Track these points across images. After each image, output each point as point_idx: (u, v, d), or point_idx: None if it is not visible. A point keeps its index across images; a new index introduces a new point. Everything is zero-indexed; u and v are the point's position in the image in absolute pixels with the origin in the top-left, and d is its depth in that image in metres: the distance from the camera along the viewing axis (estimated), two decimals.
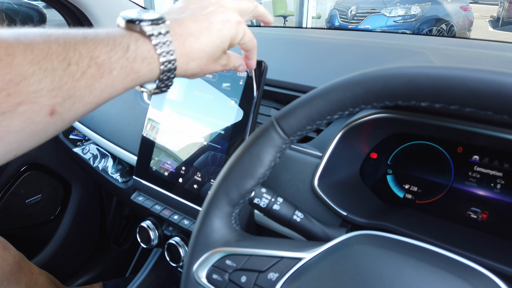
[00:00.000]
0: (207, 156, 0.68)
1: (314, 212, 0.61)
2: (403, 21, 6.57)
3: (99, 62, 0.35)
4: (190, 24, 0.43)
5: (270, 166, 0.42)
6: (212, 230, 0.43)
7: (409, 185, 0.63)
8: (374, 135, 0.64)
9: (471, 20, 7.25)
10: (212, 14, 0.44)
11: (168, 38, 0.40)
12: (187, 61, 0.42)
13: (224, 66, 0.49)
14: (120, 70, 0.37)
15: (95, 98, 0.36)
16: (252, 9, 0.50)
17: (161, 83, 0.42)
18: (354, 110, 0.38)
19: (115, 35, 0.38)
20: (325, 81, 0.66)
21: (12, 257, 0.86)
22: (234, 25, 0.45)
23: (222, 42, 0.45)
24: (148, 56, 0.39)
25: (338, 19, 7.20)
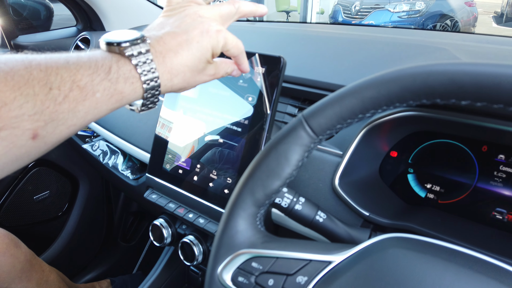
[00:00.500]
0: (223, 154, 0.66)
1: (335, 212, 0.59)
2: (407, 16, 6.53)
3: (81, 85, 0.36)
4: (169, 39, 0.43)
5: (297, 166, 0.41)
6: (237, 231, 0.42)
7: (431, 184, 0.61)
8: (394, 133, 0.62)
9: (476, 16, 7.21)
10: (190, 27, 0.44)
11: (148, 57, 0.41)
12: (170, 77, 0.43)
13: (213, 75, 0.49)
14: (103, 92, 0.38)
15: (79, 120, 0.37)
16: (235, 11, 0.50)
17: (147, 100, 0.43)
18: (387, 108, 0.37)
19: (97, 57, 0.39)
20: (344, 77, 0.65)
21: (23, 255, 0.86)
22: (214, 35, 0.45)
23: (203, 54, 0.45)
24: (130, 76, 0.40)
25: (342, 14, 7.16)
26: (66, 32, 1.33)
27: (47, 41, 1.26)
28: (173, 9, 0.48)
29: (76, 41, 1.23)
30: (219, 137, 0.67)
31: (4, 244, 0.82)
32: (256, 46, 0.86)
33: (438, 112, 0.54)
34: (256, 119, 0.63)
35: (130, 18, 1.30)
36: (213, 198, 0.67)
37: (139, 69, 0.40)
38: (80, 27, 1.34)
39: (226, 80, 0.67)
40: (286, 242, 0.41)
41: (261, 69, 0.64)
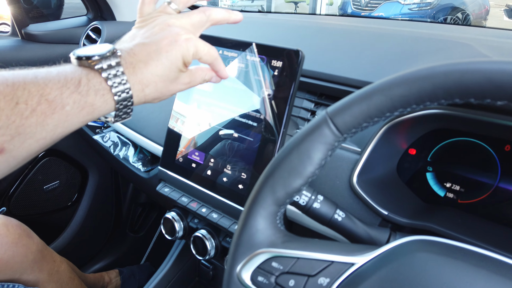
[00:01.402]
0: (238, 149, 0.65)
1: (351, 211, 0.58)
2: (418, 9, 6.43)
3: (50, 98, 0.37)
4: (139, 51, 0.44)
5: (320, 165, 0.40)
6: (256, 230, 0.41)
7: (450, 183, 0.60)
8: (414, 131, 0.61)
9: (488, 9, 7.09)
10: (160, 37, 0.45)
11: (118, 69, 0.41)
12: (141, 87, 0.43)
13: (188, 83, 0.49)
14: (73, 105, 0.38)
15: (48, 134, 0.37)
16: (206, 19, 0.50)
17: (119, 111, 0.43)
18: (417, 107, 0.35)
19: (66, 71, 0.39)
20: (363, 72, 0.63)
21: (35, 245, 0.86)
22: (183, 44, 0.45)
23: (173, 63, 0.45)
24: (100, 88, 0.40)
25: (351, 6, 7.07)
26: (77, 21, 1.32)
27: (57, 30, 1.24)
28: (144, 20, 0.49)
29: (87, 30, 1.22)
30: (234, 131, 0.66)
31: (16, 235, 0.82)
32: (272, 39, 0.84)
33: (461, 110, 0.53)
34: (272, 114, 0.62)
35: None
36: (227, 193, 0.66)
37: (109, 81, 0.41)
38: (91, 16, 1.32)
39: (242, 74, 0.66)
40: (307, 242, 0.40)
41: (278, 62, 0.62)
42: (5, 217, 0.85)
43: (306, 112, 0.68)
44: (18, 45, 1.20)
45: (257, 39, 0.67)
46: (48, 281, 0.89)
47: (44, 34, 1.22)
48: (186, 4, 0.52)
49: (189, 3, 0.52)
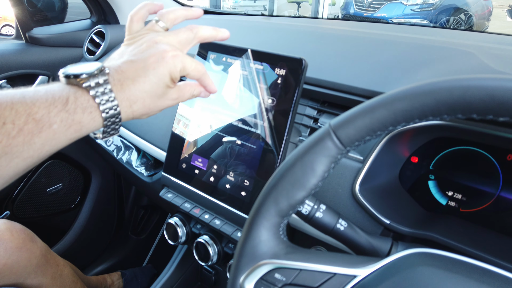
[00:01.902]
0: (241, 156, 0.66)
1: (353, 219, 0.58)
2: (421, 9, 6.42)
3: (37, 117, 0.37)
4: (127, 68, 0.45)
5: (323, 177, 0.40)
6: (260, 241, 0.41)
7: (452, 192, 0.60)
8: (416, 139, 0.61)
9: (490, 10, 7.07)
10: (147, 54, 0.46)
11: (106, 87, 0.42)
12: (129, 104, 0.44)
13: (177, 99, 0.50)
14: (60, 123, 0.39)
15: (35, 152, 0.38)
16: (193, 37, 0.51)
17: (107, 128, 0.44)
18: (420, 121, 0.36)
19: (54, 90, 0.40)
20: (367, 80, 0.64)
21: (39, 250, 0.87)
22: (170, 60, 0.46)
23: (160, 80, 0.46)
24: (88, 106, 0.41)
25: (354, 6, 7.06)
26: (81, 25, 1.32)
27: (61, 34, 1.25)
28: (132, 38, 0.50)
29: (90, 34, 1.23)
30: (237, 138, 0.66)
31: (20, 239, 0.83)
32: (275, 45, 0.85)
33: (463, 122, 0.53)
34: (275, 121, 0.62)
35: None
36: (230, 200, 0.67)
37: (97, 99, 0.41)
38: (95, 20, 1.33)
39: (245, 81, 0.66)
40: (309, 253, 0.41)
41: (282, 70, 0.62)
42: (9, 222, 0.85)
43: (309, 120, 0.68)
44: (22, 48, 1.20)
45: (261, 45, 0.67)
46: (52, 285, 0.89)
47: (48, 37, 1.22)
48: (174, 22, 0.53)
49: (177, 21, 0.53)
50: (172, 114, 0.77)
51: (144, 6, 0.53)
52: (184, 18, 0.54)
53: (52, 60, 1.22)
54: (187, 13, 0.54)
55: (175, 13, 0.52)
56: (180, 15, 0.53)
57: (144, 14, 0.53)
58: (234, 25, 1.06)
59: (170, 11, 0.52)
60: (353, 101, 0.62)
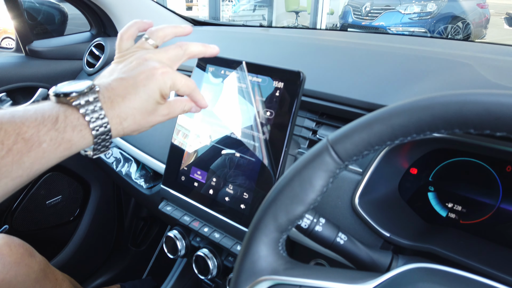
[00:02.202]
0: (240, 168, 0.66)
1: (353, 232, 0.58)
2: (418, 18, 6.47)
3: (26, 137, 0.37)
4: (117, 85, 0.45)
5: (322, 192, 0.40)
6: (259, 257, 0.41)
7: (452, 203, 0.60)
8: (415, 150, 0.61)
9: (488, 18, 7.12)
10: (137, 71, 0.46)
11: (96, 104, 0.42)
12: (120, 121, 0.45)
13: (167, 115, 0.50)
14: (50, 142, 0.39)
15: (25, 172, 0.38)
16: (183, 53, 0.52)
17: (98, 145, 0.44)
18: (417, 136, 0.36)
19: (44, 109, 0.40)
20: (365, 93, 0.64)
21: (37, 264, 0.86)
22: (160, 77, 0.46)
23: (150, 96, 0.46)
24: (78, 124, 0.41)
25: (352, 15, 7.12)
26: (80, 38, 1.33)
27: (61, 47, 1.26)
28: (122, 55, 0.50)
29: (90, 47, 1.23)
30: (236, 151, 0.66)
31: (19, 254, 0.82)
32: (273, 58, 0.85)
33: (461, 134, 0.53)
34: (274, 133, 0.62)
35: None
36: (229, 213, 0.66)
37: (87, 117, 0.42)
38: (94, 32, 1.34)
39: (244, 94, 0.66)
40: (309, 269, 0.40)
41: (280, 83, 0.63)
42: (8, 236, 0.85)
43: (308, 131, 0.69)
44: (22, 61, 1.21)
45: (259, 58, 0.68)
46: None
47: (48, 50, 1.23)
48: (164, 39, 0.53)
49: (166, 38, 0.54)
50: (171, 126, 0.78)
51: (134, 24, 0.54)
52: (173, 35, 0.54)
53: (52, 73, 1.23)
54: (177, 30, 0.54)
55: (164, 30, 0.53)
56: (170, 32, 0.53)
57: (134, 32, 0.53)
58: (233, 37, 1.06)
59: (159, 29, 0.53)
60: (351, 113, 0.62)
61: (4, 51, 1.42)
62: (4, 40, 4.18)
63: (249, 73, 0.67)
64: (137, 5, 1.30)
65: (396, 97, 0.59)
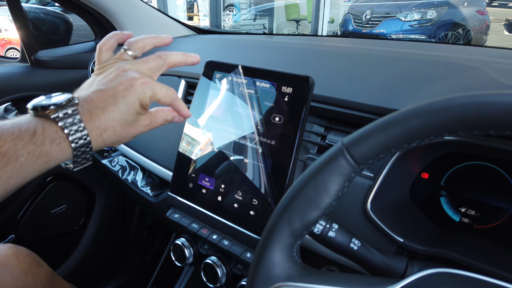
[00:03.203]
0: (249, 174, 0.65)
1: (365, 237, 0.57)
2: (419, 25, 6.50)
3: (3, 151, 0.37)
4: (96, 97, 0.45)
5: (337, 196, 0.39)
6: (273, 263, 0.40)
7: (465, 208, 0.59)
8: (426, 154, 0.61)
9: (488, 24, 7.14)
10: (116, 83, 0.46)
11: (75, 117, 0.42)
12: (99, 133, 0.44)
13: (149, 125, 0.51)
14: (27, 155, 0.39)
15: (1, 186, 0.38)
16: (162, 63, 0.52)
17: (78, 158, 0.44)
18: (435, 138, 0.35)
19: (21, 122, 0.40)
20: (375, 97, 0.63)
21: (45, 274, 0.85)
22: (139, 88, 0.46)
23: (130, 107, 0.46)
24: (56, 137, 0.41)
25: (352, 23, 7.15)
26: (85, 47, 1.34)
27: (66, 56, 1.26)
28: (102, 67, 0.50)
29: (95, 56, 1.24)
30: (245, 157, 0.66)
31: (27, 264, 0.81)
32: (279, 64, 0.85)
33: (475, 137, 0.53)
34: (283, 139, 0.62)
35: (148, 32, 1.30)
36: (238, 220, 0.66)
37: (66, 129, 0.41)
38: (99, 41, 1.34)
39: (252, 100, 0.66)
40: (325, 275, 0.39)
41: (288, 89, 0.62)
42: (15, 246, 0.84)
43: (316, 137, 0.68)
44: (27, 71, 1.21)
45: (266, 64, 0.68)
46: None
47: (53, 60, 1.23)
48: (143, 50, 0.53)
49: (146, 49, 0.53)
50: (178, 133, 0.77)
51: (113, 35, 0.54)
52: (152, 46, 0.54)
53: (57, 82, 1.23)
54: (156, 40, 0.55)
55: (143, 41, 0.53)
56: (149, 43, 0.54)
57: (113, 44, 0.53)
58: (238, 44, 1.07)
59: (138, 40, 0.53)
60: (361, 118, 0.62)
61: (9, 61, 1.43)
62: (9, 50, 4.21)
63: (257, 79, 0.66)
64: (141, 14, 1.30)
65: (407, 101, 0.59)
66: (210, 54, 0.95)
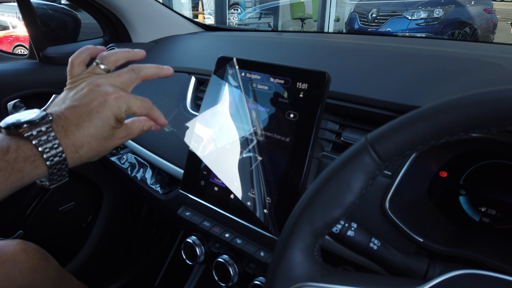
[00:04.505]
0: (262, 172, 0.64)
1: (383, 237, 0.56)
2: (425, 24, 6.45)
3: None
4: (70, 114, 0.45)
5: (360, 194, 0.38)
6: (293, 262, 0.39)
7: (485, 207, 0.58)
8: (444, 152, 0.59)
9: (495, 23, 7.09)
10: (89, 99, 0.46)
11: (50, 134, 0.42)
12: (75, 149, 0.44)
13: (126, 137, 0.50)
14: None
15: None
16: (136, 76, 0.51)
17: (53, 175, 0.44)
18: (464, 135, 0.34)
19: None
20: (392, 93, 0.62)
21: (53, 270, 0.85)
22: (113, 103, 0.46)
23: (105, 123, 0.46)
24: (31, 155, 0.41)
25: (358, 22, 7.12)
26: (93, 44, 1.32)
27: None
28: (74, 81, 0.50)
29: None
30: (258, 154, 0.65)
31: (36, 260, 0.81)
32: (292, 60, 0.84)
33: (495, 134, 0.51)
34: (298, 136, 0.61)
35: (156, 29, 1.30)
36: (252, 218, 0.64)
37: (40, 147, 0.41)
38: (107, 38, 1.34)
39: (266, 96, 0.65)
40: (348, 276, 0.38)
41: (303, 85, 0.61)
42: (24, 242, 0.84)
43: (331, 134, 0.67)
44: (36, 67, 1.21)
45: (279, 60, 0.66)
46: None
47: (62, 56, 1.23)
48: (116, 63, 0.52)
49: (119, 62, 0.53)
50: (189, 129, 0.76)
51: (85, 49, 0.53)
52: (125, 59, 0.54)
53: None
54: (129, 54, 0.54)
55: (116, 55, 0.52)
56: (122, 57, 0.53)
57: (85, 58, 0.52)
58: (248, 41, 1.05)
59: (111, 53, 0.52)
60: (379, 115, 0.60)
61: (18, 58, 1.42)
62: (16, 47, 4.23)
63: (271, 75, 0.65)
64: (149, 10, 1.29)
65: (426, 97, 0.57)
66: (220, 51, 0.94)
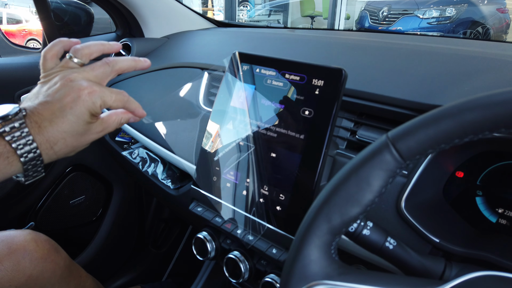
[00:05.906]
0: (276, 169, 0.63)
1: (398, 236, 0.55)
2: (437, 23, 6.38)
3: None
4: (43, 109, 0.44)
5: (380, 193, 0.38)
6: (310, 260, 0.39)
7: (503, 209, 0.57)
8: (462, 152, 0.58)
9: (508, 23, 6.98)
10: (62, 94, 0.45)
11: (23, 130, 0.41)
12: (50, 145, 0.43)
13: (101, 131, 0.49)
14: None
15: None
16: (110, 70, 0.50)
17: (29, 171, 0.43)
18: (489, 134, 0.33)
19: None
20: (410, 91, 0.61)
21: (63, 261, 0.85)
22: (87, 98, 0.45)
23: (79, 118, 0.45)
24: (4, 151, 0.40)
25: (369, 20, 7.06)
26: (106, 38, 1.33)
27: None
28: (47, 76, 0.49)
29: None
30: (272, 151, 0.64)
31: (45, 250, 0.82)
32: (307, 57, 0.83)
33: None
34: (313, 134, 0.60)
35: (169, 24, 1.30)
36: (264, 215, 0.64)
37: (14, 144, 0.40)
38: (120, 33, 1.34)
39: (280, 92, 0.65)
40: (366, 275, 0.38)
41: (319, 81, 0.61)
42: (34, 232, 0.85)
43: (346, 132, 0.66)
44: None
45: (293, 57, 0.66)
46: None
47: None
48: (90, 57, 0.51)
49: (93, 56, 0.52)
50: (202, 125, 0.76)
51: (59, 42, 0.52)
52: (100, 52, 0.52)
53: None
54: (104, 47, 0.53)
55: (90, 48, 0.51)
56: (96, 50, 0.52)
57: (58, 51, 0.51)
58: (261, 37, 1.05)
59: (85, 46, 0.51)
60: (396, 113, 0.60)
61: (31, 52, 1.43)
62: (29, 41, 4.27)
63: (286, 71, 0.65)
64: (162, 6, 1.29)
65: (446, 96, 0.56)
66: (234, 47, 0.93)
